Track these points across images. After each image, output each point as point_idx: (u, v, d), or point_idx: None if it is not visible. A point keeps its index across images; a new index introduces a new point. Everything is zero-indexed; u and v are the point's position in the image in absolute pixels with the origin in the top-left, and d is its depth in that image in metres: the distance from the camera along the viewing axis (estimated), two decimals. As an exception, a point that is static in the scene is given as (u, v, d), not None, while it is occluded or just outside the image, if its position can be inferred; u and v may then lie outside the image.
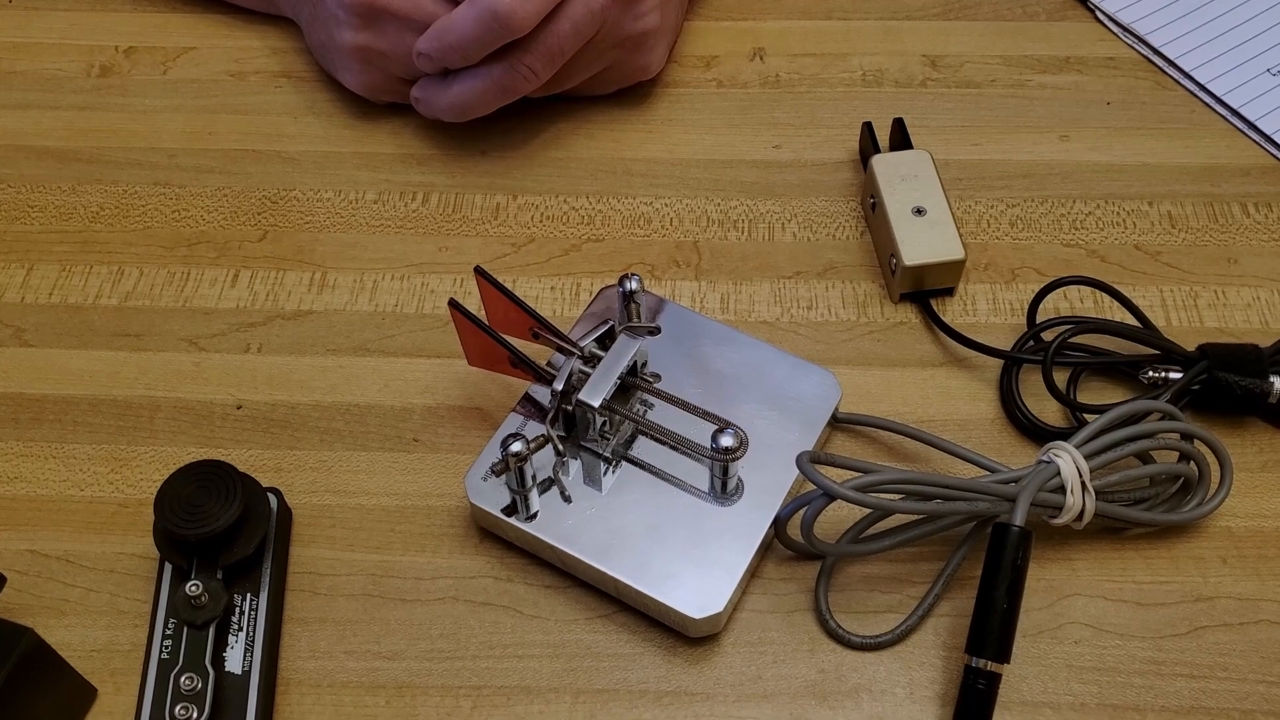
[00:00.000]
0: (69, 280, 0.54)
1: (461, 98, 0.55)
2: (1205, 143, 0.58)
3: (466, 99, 0.55)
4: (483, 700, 0.43)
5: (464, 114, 0.56)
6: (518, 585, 0.45)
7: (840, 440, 0.49)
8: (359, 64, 0.56)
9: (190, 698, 0.41)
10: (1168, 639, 0.44)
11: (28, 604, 0.45)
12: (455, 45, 0.52)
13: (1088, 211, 0.56)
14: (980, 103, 0.60)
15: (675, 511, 0.45)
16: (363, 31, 0.55)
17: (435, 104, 0.56)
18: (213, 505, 0.42)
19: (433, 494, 0.48)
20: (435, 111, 0.56)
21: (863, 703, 0.43)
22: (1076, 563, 0.46)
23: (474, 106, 0.55)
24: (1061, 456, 0.43)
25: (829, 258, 0.54)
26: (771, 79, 0.61)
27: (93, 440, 0.49)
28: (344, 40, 0.55)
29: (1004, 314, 0.52)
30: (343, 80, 0.58)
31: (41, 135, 0.59)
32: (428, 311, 0.53)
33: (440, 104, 0.56)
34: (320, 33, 0.58)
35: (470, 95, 0.55)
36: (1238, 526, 0.47)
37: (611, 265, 0.54)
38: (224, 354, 0.51)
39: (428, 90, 0.56)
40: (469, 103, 0.55)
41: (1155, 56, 0.61)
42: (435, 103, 0.56)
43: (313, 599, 0.45)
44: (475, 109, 0.55)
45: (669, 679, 0.43)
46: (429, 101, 0.56)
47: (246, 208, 0.56)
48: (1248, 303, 0.52)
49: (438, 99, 0.56)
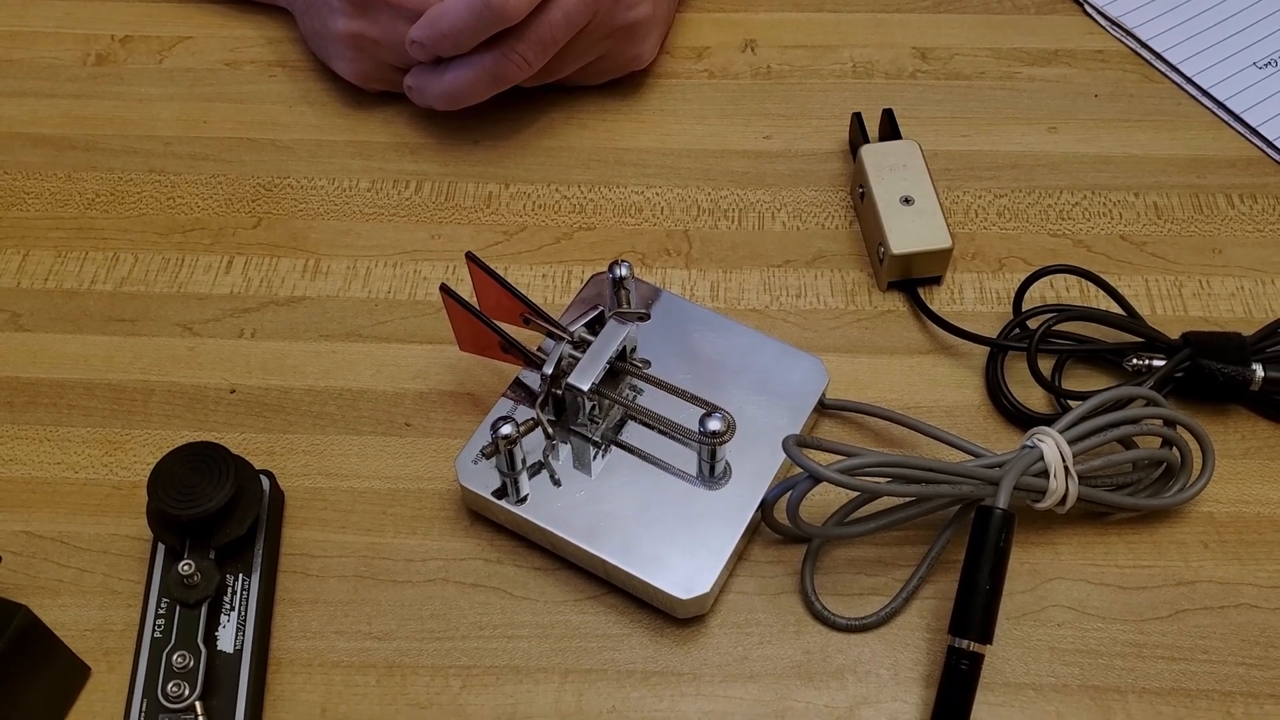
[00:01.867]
0: (64, 266, 0.54)
1: (454, 86, 0.55)
2: (1191, 135, 0.58)
3: (459, 87, 0.55)
4: (472, 680, 0.43)
5: (456, 102, 0.56)
6: (507, 567, 0.46)
7: (828, 426, 0.50)
8: (352, 51, 0.57)
9: (182, 675, 0.41)
10: (1149, 622, 0.45)
11: (23, 584, 0.46)
12: (447, 33, 0.53)
13: (1074, 202, 0.56)
14: (969, 94, 0.60)
15: (663, 495, 0.45)
16: (356, 19, 0.55)
17: (428, 92, 0.56)
18: (205, 486, 0.43)
19: (424, 477, 0.48)
20: (428, 100, 0.57)
21: (847, 683, 0.43)
22: (1060, 547, 0.46)
23: (466, 95, 0.55)
24: (1045, 441, 0.44)
25: (818, 246, 0.55)
26: (763, 70, 0.61)
27: (87, 423, 0.50)
28: (337, 28, 0.56)
29: (990, 302, 0.53)
30: (335, 68, 0.58)
31: (38, 123, 0.60)
32: (420, 298, 0.53)
33: (433, 92, 0.56)
34: (314, 20, 0.58)
35: (463, 83, 0.55)
36: (1219, 512, 0.47)
37: (603, 253, 0.55)
38: (218, 339, 0.52)
39: (421, 78, 0.56)
40: (461, 91, 0.55)
41: (1143, 49, 0.62)
42: (428, 90, 0.56)
43: (304, 580, 0.46)
44: (468, 97, 0.56)
45: (656, 659, 0.44)
46: (422, 89, 0.56)
47: (241, 195, 0.57)
48: (1231, 292, 0.53)
49: (431, 87, 0.56)
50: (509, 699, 0.43)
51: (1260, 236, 0.55)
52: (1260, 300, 0.53)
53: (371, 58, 0.57)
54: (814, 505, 0.46)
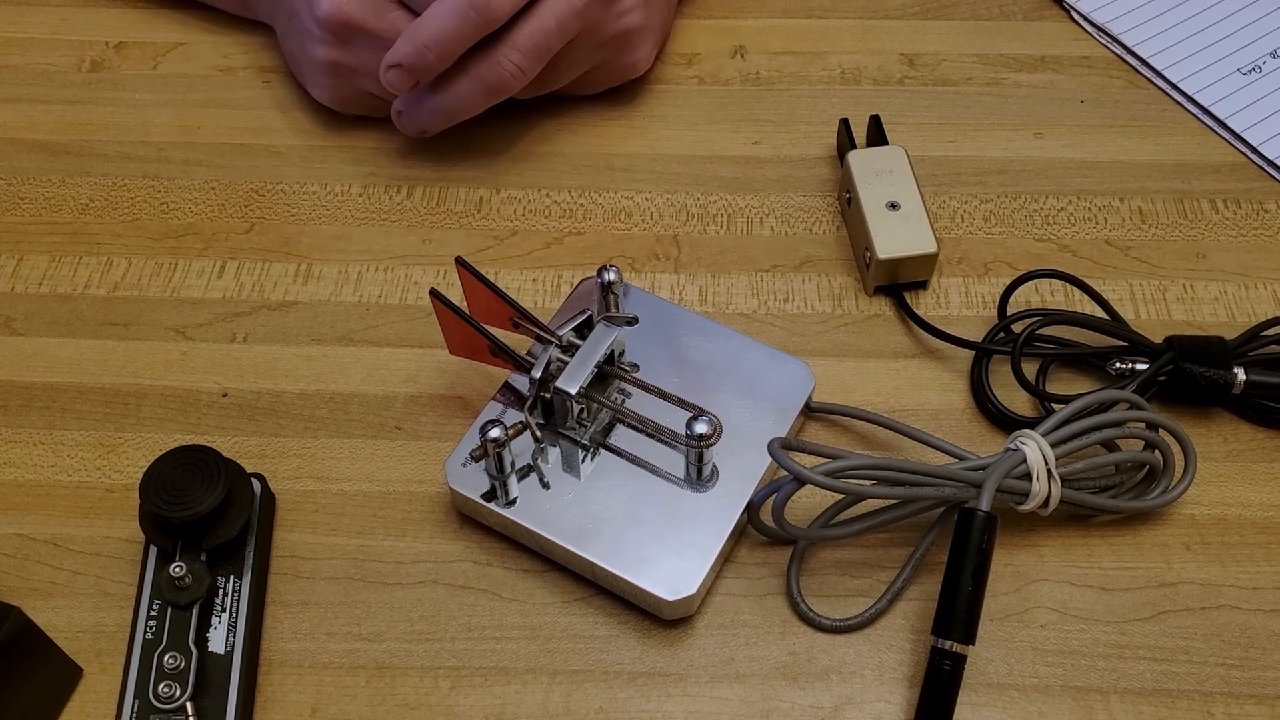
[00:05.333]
0: (58, 270, 0.55)
1: (448, 101, 0.54)
2: (1176, 140, 0.59)
3: (453, 101, 0.54)
4: (461, 681, 0.44)
5: (451, 118, 0.55)
6: (496, 569, 0.46)
7: (814, 429, 0.50)
8: (329, 79, 0.56)
9: (174, 676, 0.42)
10: (1131, 623, 0.45)
11: (15, 586, 0.46)
12: (431, 43, 0.51)
13: (1060, 207, 0.57)
14: (956, 100, 0.61)
15: (651, 497, 0.46)
16: (335, 47, 0.55)
17: (420, 112, 0.55)
18: (197, 489, 0.43)
19: (414, 480, 0.49)
20: (421, 123, 0.55)
21: (832, 684, 0.44)
22: (1044, 549, 0.47)
23: (461, 108, 0.54)
24: (1028, 444, 0.44)
25: (806, 251, 0.55)
26: (752, 76, 0.62)
27: (81, 427, 0.50)
28: (315, 55, 0.55)
29: (976, 307, 0.53)
30: (311, 92, 0.58)
31: (32, 128, 0.60)
32: (411, 302, 0.54)
33: (425, 110, 0.55)
34: (293, 44, 0.58)
35: (456, 97, 0.54)
36: (1201, 514, 0.48)
37: (592, 258, 0.55)
38: (210, 343, 0.52)
39: (409, 101, 0.55)
40: (456, 105, 0.54)
41: (1128, 56, 0.62)
42: (420, 111, 0.55)
43: (295, 582, 0.46)
44: (463, 111, 0.55)
45: (643, 660, 0.44)
46: (412, 112, 0.55)
47: (234, 200, 0.57)
48: (1215, 296, 0.53)
49: (422, 106, 0.55)
50: (497, 700, 0.43)
51: (1243, 241, 0.55)
52: (1243, 304, 0.53)
53: (349, 85, 0.56)
54: (800, 507, 0.47)
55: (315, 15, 0.54)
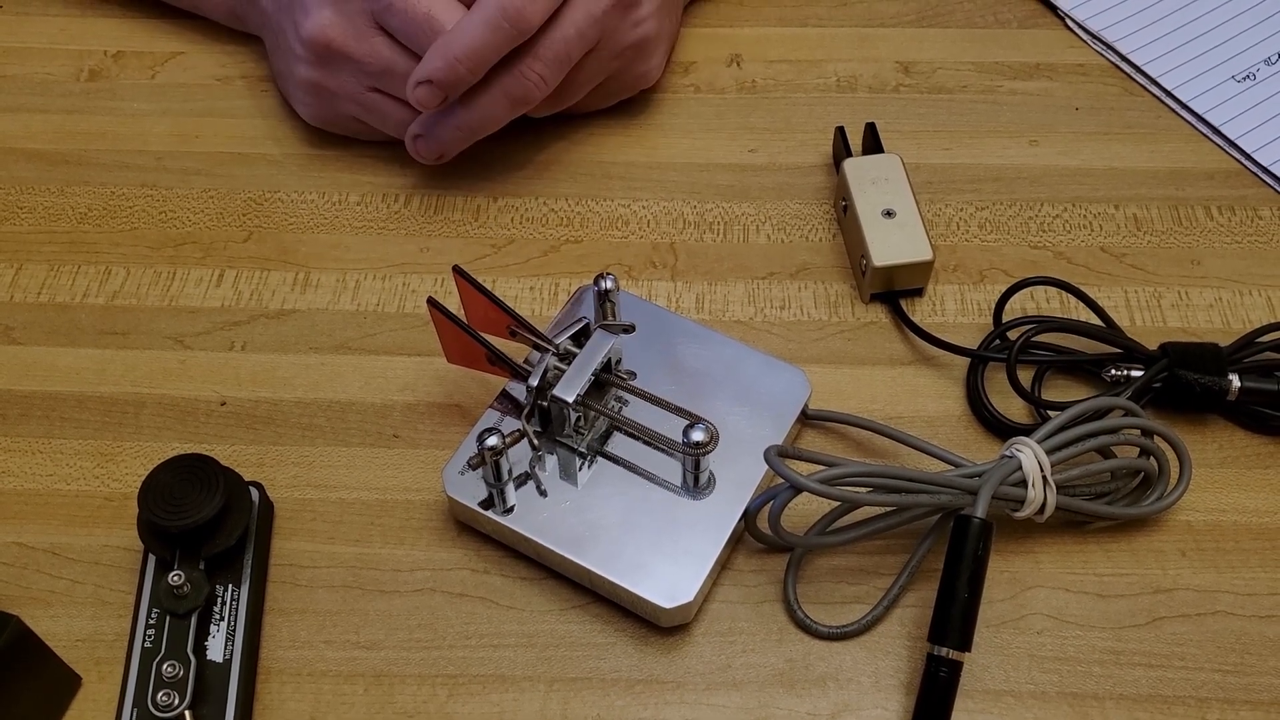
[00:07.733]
0: (57, 280, 0.55)
1: (471, 116, 0.53)
2: (1171, 147, 0.59)
3: (478, 116, 0.53)
4: (459, 689, 0.44)
5: (474, 134, 0.54)
6: (494, 577, 0.47)
7: (810, 436, 0.50)
8: (311, 98, 0.57)
9: (172, 684, 0.42)
10: (1127, 629, 0.45)
11: (14, 595, 0.46)
12: (464, 56, 0.50)
13: (1055, 214, 0.57)
14: (951, 108, 0.61)
15: (648, 505, 0.46)
16: (317, 69, 0.55)
17: (442, 132, 0.54)
18: (195, 497, 0.43)
19: (412, 489, 0.49)
20: (441, 144, 0.54)
21: (829, 691, 0.44)
22: (1039, 555, 0.47)
23: (486, 123, 0.54)
24: (1023, 451, 0.44)
25: (802, 259, 0.55)
26: (748, 85, 0.62)
27: (79, 436, 0.50)
28: (298, 74, 0.56)
29: (972, 314, 0.54)
30: (295, 108, 0.58)
31: (31, 138, 0.60)
32: (408, 311, 0.54)
33: (448, 129, 0.54)
34: (279, 61, 0.58)
35: (481, 111, 0.53)
36: (1196, 520, 0.48)
37: (589, 266, 0.55)
38: (208, 352, 0.53)
39: (429, 123, 0.54)
40: (480, 119, 0.53)
41: (1123, 63, 0.62)
42: (443, 129, 0.54)
43: (293, 590, 0.46)
44: (487, 125, 0.54)
45: (641, 668, 0.44)
46: (433, 133, 0.54)
47: (232, 209, 0.57)
48: (1210, 303, 0.54)
49: (444, 125, 0.54)
50: (495, 707, 0.44)
51: (1238, 248, 0.56)
52: (1238, 311, 0.53)
53: (330, 106, 0.57)
54: (796, 515, 0.47)
55: (299, 35, 0.54)
